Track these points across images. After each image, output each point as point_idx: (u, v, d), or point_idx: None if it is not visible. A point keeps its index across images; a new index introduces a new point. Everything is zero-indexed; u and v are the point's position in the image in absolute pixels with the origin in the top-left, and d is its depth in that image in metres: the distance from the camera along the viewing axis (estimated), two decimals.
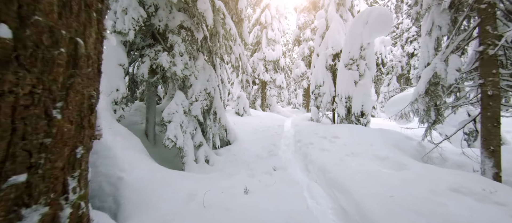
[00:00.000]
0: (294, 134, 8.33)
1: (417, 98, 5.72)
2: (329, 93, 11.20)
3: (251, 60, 16.55)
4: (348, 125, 8.18)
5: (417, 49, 21.50)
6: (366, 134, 6.54)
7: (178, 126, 4.14)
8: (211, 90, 4.91)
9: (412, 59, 21.98)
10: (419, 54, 18.20)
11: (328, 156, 4.85)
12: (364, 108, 9.28)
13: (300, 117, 13.28)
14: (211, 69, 5.04)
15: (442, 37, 6.08)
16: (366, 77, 9.35)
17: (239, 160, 5.15)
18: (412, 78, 21.74)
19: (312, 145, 5.88)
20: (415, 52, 21.54)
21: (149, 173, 3.05)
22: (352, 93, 9.37)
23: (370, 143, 5.63)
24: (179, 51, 4.28)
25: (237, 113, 11.18)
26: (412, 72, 21.61)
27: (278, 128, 9.13)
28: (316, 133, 7.28)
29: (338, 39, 11.26)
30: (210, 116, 5.00)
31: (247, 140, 7.00)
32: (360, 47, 9.32)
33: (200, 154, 4.75)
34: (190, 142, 4.47)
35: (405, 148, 6.21)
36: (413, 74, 21.38)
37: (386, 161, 4.31)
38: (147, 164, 3.21)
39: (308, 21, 19.86)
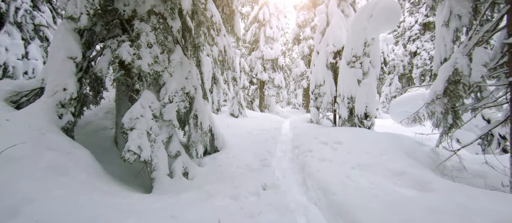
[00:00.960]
0: (292, 138, 7.42)
1: (434, 99, 4.80)
2: (330, 93, 10.28)
3: (248, 58, 15.65)
4: (351, 129, 7.26)
5: (420, 47, 20.51)
6: (372, 140, 5.63)
7: (144, 134, 3.24)
8: (190, 90, 4.02)
9: (414, 58, 20.99)
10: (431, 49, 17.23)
11: (330, 169, 3.94)
12: (368, 109, 8.35)
13: (299, 118, 12.36)
14: (191, 65, 4.14)
15: (461, 28, 5.14)
16: (370, 76, 8.42)
17: (225, 173, 4.25)
18: (415, 77, 20.76)
19: (311, 153, 4.97)
20: (417, 51, 20.55)
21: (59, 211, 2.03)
22: (355, 93, 8.44)
23: (379, 152, 4.71)
24: (147, 41, 3.39)
25: (232, 115, 10.29)
26: (414, 72, 20.62)
27: (274, 131, 8.23)
28: (316, 137, 6.37)
29: (340, 35, 10.33)
30: (190, 120, 4.11)
31: (238, 145, 6.10)
32: (363, 43, 8.40)
33: (177, 166, 3.86)
34: (162, 153, 3.58)
35: (418, 156, 5.28)
36: (416, 73, 20.40)
37: (404, 178, 3.41)
38: (69, 193, 2.19)
39: (308, 19, 18.94)
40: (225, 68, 4.68)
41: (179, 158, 3.94)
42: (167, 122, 3.60)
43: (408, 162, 4.13)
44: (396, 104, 9.78)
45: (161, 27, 3.58)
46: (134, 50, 3.25)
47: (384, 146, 5.13)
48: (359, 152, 4.70)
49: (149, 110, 3.42)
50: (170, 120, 3.59)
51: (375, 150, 4.80)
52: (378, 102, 8.97)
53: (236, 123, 9.39)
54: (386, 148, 5.01)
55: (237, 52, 14.32)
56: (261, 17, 15.18)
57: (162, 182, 3.50)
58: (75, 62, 3.17)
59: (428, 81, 20.10)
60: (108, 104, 5.31)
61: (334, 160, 4.40)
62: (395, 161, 4.10)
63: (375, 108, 8.49)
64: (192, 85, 4.11)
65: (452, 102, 4.89)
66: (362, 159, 4.27)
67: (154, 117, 3.52)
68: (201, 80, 4.91)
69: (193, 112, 4.10)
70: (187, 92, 3.95)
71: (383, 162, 4.09)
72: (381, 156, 4.47)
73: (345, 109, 8.75)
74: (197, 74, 4.32)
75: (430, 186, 3.01)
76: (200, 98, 4.21)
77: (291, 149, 6.30)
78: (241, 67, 14.45)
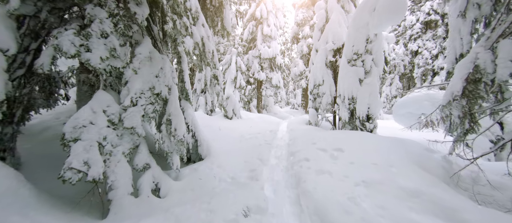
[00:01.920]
0: (288, 143, 6.68)
1: (451, 101, 4.04)
2: (329, 93, 9.53)
3: (245, 57, 14.90)
4: (353, 133, 6.50)
5: (421, 46, 19.69)
6: (377, 147, 4.88)
7: (94, 146, 2.51)
8: (162, 90, 3.28)
9: (416, 57, 20.18)
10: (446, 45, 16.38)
11: (330, 186, 3.20)
12: (371, 111, 7.61)
13: (297, 119, 11.62)
14: (164, 61, 3.40)
15: (481, 19, 4.38)
16: (373, 75, 7.66)
17: (204, 188, 3.52)
18: (416, 77, 19.96)
19: (307, 163, 4.22)
20: (419, 50, 19.74)
21: None
22: (357, 93, 7.69)
23: (386, 162, 3.97)
24: (101, 30, 2.66)
25: (226, 116, 9.57)
26: (415, 71, 19.82)
27: (269, 134, 7.49)
28: (314, 143, 5.63)
29: (340, 32, 9.57)
30: (162, 126, 3.38)
31: (226, 152, 5.36)
32: (366, 40, 7.64)
33: (144, 182, 3.13)
34: (123, 168, 2.85)
35: (430, 166, 4.53)
36: (417, 73, 19.59)
37: (422, 201, 2.67)
38: None
39: (307, 17, 18.18)
40: (204, 64, 3.94)
41: (148, 172, 3.21)
42: (130, 130, 2.86)
43: (422, 178, 3.38)
44: (400, 106, 9.02)
45: (121, 14, 2.84)
46: (81, 40, 2.51)
47: (391, 155, 4.39)
48: (363, 163, 3.95)
49: (102, 116, 2.69)
50: (132, 127, 2.85)
51: (382, 160, 4.05)
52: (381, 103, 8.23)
53: (229, 125, 8.65)
54: (393, 157, 4.26)
55: (233, 51, 13.59)
56: (258, 14, 14.42)
57: (122, 204, 2.77)
58: (6, 56, 2.44)
59: (429, 80, 19.30)
60: (74, 107, 4.59)
61: (334, 172, 3.65)
62: (407, 176, 3.36)
63: (378, 110, 7.74)
64: (165, 85, 3.37)
65: (472, 104, 4.13)
66: (367, 173, 3.52)
67: (111, 124, 2.78)
68: (180, 79, 4.16)
69: (166, 117, 3.37)
70: (157, 93, 3.21)
71: (392, 177, 3.34)
72: (389, 168, 3.73)
73: (345, 111, 8.00)
74: (173, 71, 3.58)
75: (461, 216, 2.27)
76: (176, 100, 3.48)
77: (286, 155, 5.56)
78: (238, 66, 13.70)
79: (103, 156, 2.65)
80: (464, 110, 4.12)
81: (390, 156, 4.33)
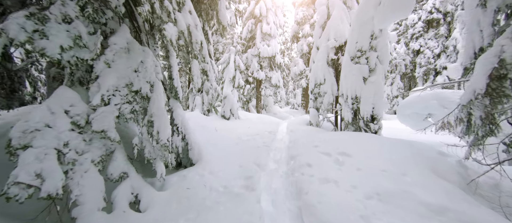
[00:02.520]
0: (288, 145, 6.19)
1: (472, 100, 3.54)
2: (331, 93, 9.04)
3: (244, 56, 14.40)
4: (358, 135, 6.01)
5: (423, 46, 19.18)
6: (386, 150, 4.39)
7: (51, 153, 2.03)
8: (142, 87, 2.79)
9: (417, 57, 19.67)
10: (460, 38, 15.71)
11: (337, 199, 2.71)
12: (375, 111, 7.12)
13: (298, 119, 11.13)
14: (145, 54, 2.91)
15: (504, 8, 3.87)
16: (378, 73, 7.17)
17: (192, 200, 3.03)
18: (418, 77, 19.45)
19: (310, 170, 3.73)
20: (421, 49, 19.23)
21: None
22: (360, 92, 7.20)
23: (399, 169, 3.47)
24: (63, 14, 2.17)
25: (223, 117, 9.08)
26: (417, 71, 19.31)
27: (268, 136, 6.99)
28: (316, 145, 5.13)
29: (342, 29, 9.08)
30: (143, 129, 2.89)
31: (221, 156, 4.87)
32: (370, 36, 7.15)
33: (121, 193, 2.64)
34: (92, 179, 2.36)
35: (445, 172, 4.04)
36: (419, 72, 19.08)
37: (449, 219, 2.19)
38: None
39: (307, 15, 17.68)
40: (191, 56, 3.45)
41: (125, 183, 2.72)
42: (100, 134, 2.37)
43: (443, 189, 2.89)
44: (405, 106, 8.51)
45: None
46: (35, 25, 2.02)
47: (402, 161, 3.89)
48: (373, 170, 3.45)
49: (64, 117, 2.20)
50: (103, 130, 2.36)
51: (393, 167, 3.56)
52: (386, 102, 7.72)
53: (227, 126, 8.16)
54: (406, 163, 3.77)
55: (231, 49, 13.10)
56: (258, 12, 13.92)
57: (90, 222, 2.28)
58: None
59: (431, 80, 18.79)
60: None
61: (340, 182, 3.16)
62: (426, 187, 2.87)
63: (383, 110, 7.25)
64: (146, 81, 2.88)
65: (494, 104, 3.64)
66: (379, 182, 3.03)
67: (76, 126, 2.29)
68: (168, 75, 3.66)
69: (147, 118, 2.88)
70: (135, 90, 2.72)
71: (408, 187, 2.85)
72: (403, 176, 3.23)
73: (348, 111, 7.51)
74: (157, 66, 3.09)
75: None
76: (160, 98, 2.99)
77: (286, 159, 5.07)
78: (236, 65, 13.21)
79: (64, 165, 2.16)
80: (486, 110, 3.62)
81: (401, 161, 3.84)
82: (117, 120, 2.54)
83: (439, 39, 18.37)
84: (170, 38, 2.82)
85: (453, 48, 17.11)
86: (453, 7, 18.40)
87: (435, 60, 18.27)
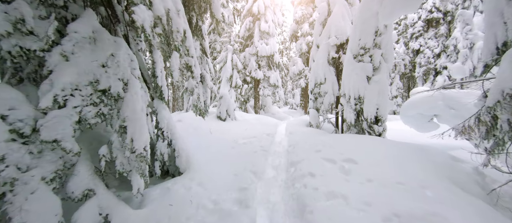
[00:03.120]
0: (288, 149, 5.68)
1: (501, 101, 3.06)
2: (332, 93, 8.55)
3: (241, 55, 13.87)
4: (362, 138, 5.52)
5: (423, 45, 18.77)
6: (395, 156, 3.90)
7: None
8: (112, 86, 2.27)
9: (417, 56, 19.25)
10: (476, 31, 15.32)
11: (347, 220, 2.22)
12: (380, 112, 6.64)
13: (297, 120, 10.63)
14: (117, 45, 2.39)
15: None
16: (382, 72, 6.69)
17: (175, 220, 2.51)
18: (417, 77, 19.04)
19: (313, 180, 3.23)
20: (421, 49, 18.81)
21: None
22: (364, 92, 6.71)
23: (416, 181, 2.98)
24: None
25: (219, 118, 8.56)
26: (417, 71, 18.89)
27: (266, 138, 6.48)
28: (318, 150, 4.64)
29: (343, 26, 8.58)
30: (113, 136, 2.37)
31: (214, 162, 4.36)
32: (374, 32, 6.66)
33: (84, 215, 2.12)
34: (43, 201, 1.85)
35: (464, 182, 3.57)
36: (419, 72, 18.67)
37: None
38: None
39: (306, 14, 17.19)
40: (170, 48, 2.91)
41: (90, 202, 2.20)
42: (51, 144, 1.85)
43: (475, 208, 2.40)
44: (409, 106, 8.02)
45: None
46: None
47: (417, 169, 3.40)
48: (386, 181, 2.96)
49: (0, 124, 1.67)
50: (55, 140, 1.84)
51: (409, 178, 3.06)
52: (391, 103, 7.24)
53: (222, 128, 7.64)
54: (421, 172, 3.27)
55: (229, 48, 12.57)
56: (256, 10, 13.40)
57: None
58: None
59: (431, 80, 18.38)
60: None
61: (350, 197, 2.66)
62: (455, 205, 2.37)
63: (387, 111, 6.77)
64: (119, 78, 2.35)
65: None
66: (396, 199, 2.53)
67: (19, 135, 1.77)
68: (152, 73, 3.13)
69: (119, 123, 2.36)
70: (103, 89, 2.20)
71: (435, 206, 2.36)
72: (423, 190, 2.73)
73: (351, 112, 7.02)
74: (133, 61, 2.57)
75: None
76: (135, 99, 2.46)
77: (285, 165, 4.57)
78: (234, 64, 12.68)
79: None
80: None
81: (415, 170, 3.34)
82: (77, 127, 2.01)
83: (439, 38, 17.96)
84: (142, 24, 2.29)
85: (454, 48, 16.69)
86: (453, 6, 18.00)
87: (435, 60, 17.86)
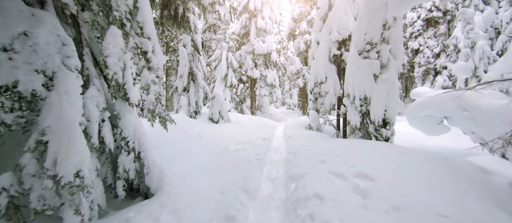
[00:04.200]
0: (286, 157, 4.88)
1: None
2: (334, 93, 7.77)
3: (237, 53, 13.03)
4: (370, 144, 4.75)
5: (422, 45, 18.13)
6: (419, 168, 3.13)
7: None
8: (20, 81, 1.45)
9: (416, 56, 18.63)
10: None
11: None
12: (388, 114, 5.89)
13: (295, 122, 9.83)
14: (37, 21, 1.57)
15: None
16: (391, 69, 5.92)
17: None
18: (417, 77, 18.42)
19: (322, 208, 2.43)
20: (420, 49, 18.18)
21: None
22: (371, 92, 5.93)
23: (463, 211, 2.20)
24: None
25: (211, 120, 7.72)
26: (416, 70, 18.27)
27: (262, 144, 5.67)
28: (323, 160, 3.85)
29: (346, 21, 7.81)
30: (25, 156, 1.54)
31: (197, 176, 3.53)
32: (382, 25, 5.89)
33: None
34: None
35: (508, 204, 2.79)
36: (418, 72, 18.04)
37: None
38: None
39: (304, 12, 16.42)
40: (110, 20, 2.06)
41: None
42: None
43: None
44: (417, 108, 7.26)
45: None
46: None
47: (452, 189, 2.62)
48: (420, 210, 2.17)
49: None
50: None
51: (447, 202, 2.28)
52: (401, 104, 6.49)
53: (213, 131, 6.81)
54: (459, 194, 2.50)
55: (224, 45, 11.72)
56: (252, 6, 12.56)
57: None
58: None
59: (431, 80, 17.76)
60: None
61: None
62: None
63: (396, 113, 6.00)
64: (35, 70, 1.52)
65: None
66: None
67: None
68: (100, 65, 2.27)
69: (35, 137, 1.53)
70: (2, 86, 1.36)
71: None
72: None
73: (356, 114, 6.24)
74: (66, 45, 1.73)
75: None
76: (64, 101, 1.64)
77: (284, 179, 3.76)
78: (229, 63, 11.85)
79: None
80: None
81: (453, 192, 2.56)
82: None
83: (439, 38, 17.36)
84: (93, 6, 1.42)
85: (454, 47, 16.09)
86: (453, 5, 17.43)
87: (434, 59, 17.25)
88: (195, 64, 8.84)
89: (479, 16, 15.74)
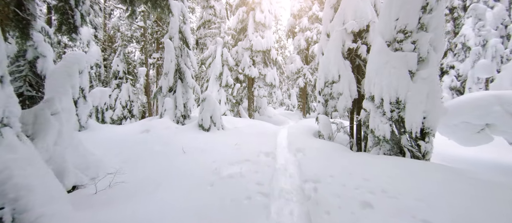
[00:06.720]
0: (303, 188, 3.34)
1: None
2: (349, 94, 6.27)
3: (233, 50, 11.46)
4: (422, 167, 3.26)
5: None
6: None
7: None
8: None
9: None
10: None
11: None
12: (428, 122, 4.44)
13: (299, 127, 8.28)
14: None
15: None
16: (431, 65, 4.46)
17: None
18: None
19: None
20: None
21: None
22: (405, 94, 4.45)
23: None
24: None
25: (201, 127, 6.13)
26: None
27: (264, 163, 4.12)
28: (366, 203, 2.39)
29: (363, 8, 6.32)
30: None
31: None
32: (421, 7, 4.44)
33: None
34: None
35: None
36: None
37: None
38: None
39: (304, 7, 14.91)
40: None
41: None
42: None
43: None
44: (452, 112, 5.87)
45: None
46: None
47: None
48: None
49: None
50: None
51: None
52: (444, 110, 5.03)
53: (203, 142, 5.22)
54: None
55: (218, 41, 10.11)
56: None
57: None
58: None
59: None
60: None
61: None
62: None
63: (437, 121, 4.53)
64: None
65: None
66: None
67: None
68: None
69: None
70: None
71: None
72: None
73: (383, 121, 4.74)
74: None
75: None
76: None
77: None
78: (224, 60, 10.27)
79: None
80: None
81: None
82: None
83: (446, 36, 16.06)
84: None
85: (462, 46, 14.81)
86: (459, 2, 16.17)
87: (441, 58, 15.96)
88: (183, 60, 7.23)
89: (489, 13, 14.50)
